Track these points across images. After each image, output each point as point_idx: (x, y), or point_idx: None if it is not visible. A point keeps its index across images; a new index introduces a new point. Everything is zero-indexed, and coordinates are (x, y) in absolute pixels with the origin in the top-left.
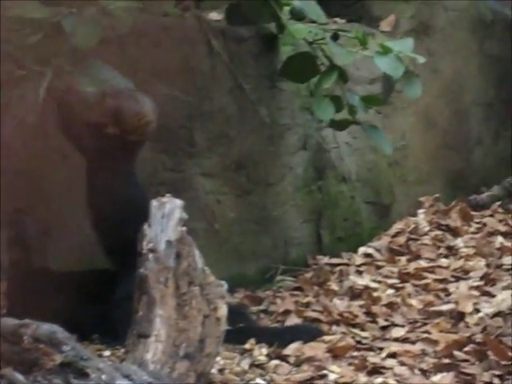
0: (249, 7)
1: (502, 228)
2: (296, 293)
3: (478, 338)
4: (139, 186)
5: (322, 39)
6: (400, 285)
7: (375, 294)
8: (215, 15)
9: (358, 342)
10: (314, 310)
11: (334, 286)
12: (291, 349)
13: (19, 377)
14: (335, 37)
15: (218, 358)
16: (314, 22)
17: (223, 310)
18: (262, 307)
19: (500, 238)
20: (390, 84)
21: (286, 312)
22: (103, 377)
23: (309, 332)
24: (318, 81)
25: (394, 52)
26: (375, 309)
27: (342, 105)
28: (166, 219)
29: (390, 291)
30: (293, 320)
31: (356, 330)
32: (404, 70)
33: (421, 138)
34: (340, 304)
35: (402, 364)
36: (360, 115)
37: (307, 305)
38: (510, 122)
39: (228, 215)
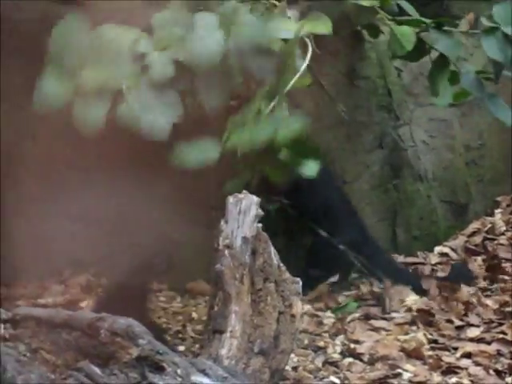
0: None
1: None
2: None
3: None
4: None
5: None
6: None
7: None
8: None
9: (433, 341)
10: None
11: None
12: (365, 347)
13: (96, 370)
14: (439, 26)
15: (292, 355)
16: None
17: (298, 307)
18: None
19: None
20: (499, 64)
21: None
22: (179, 371)
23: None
24: (431, 72)
25: (500, 30)
26: (451, 308)
27: (457, 78)
28: (243, 215)
29: (466, 291)
30: None
31: (431, 329)
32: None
33: (498, 137)
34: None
35: (477, 364)
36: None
37: None
38: None
39: None
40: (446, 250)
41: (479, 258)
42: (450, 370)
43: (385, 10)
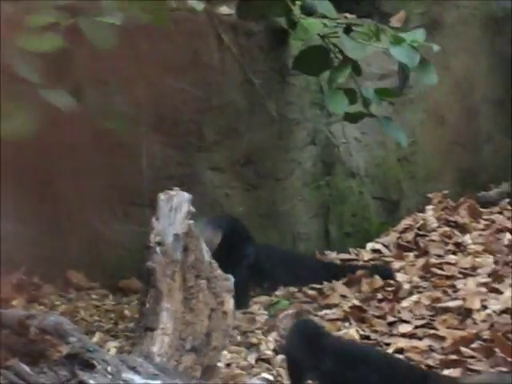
0: (260, 2)
1: (511, 225)
2: None
3: (486, 334)
4: None
5: (334, 33)
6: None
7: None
8: (226, 9)
9: (366, 337)
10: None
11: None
12: None
13: (25, 368)
14: (348, 30)
15: (225, 352)
16: (324, 17)
17: (230, 304)
18: None
19: (508, 235)
20: (406, 74)
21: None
22: (109, 368)
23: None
24: (331, 74)
25: (407, 42)
26: (382, 305)
27: (355, 97)
28: (174, 212)
29: (398, 286)
30: None
31: (364, 326)
32: (419, 59)
33: (430, 134)
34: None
35: (409, 360)
36: (372, 108)
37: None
38: None
39: (236, 209)
40: (378, 246)
41: (411, 254)
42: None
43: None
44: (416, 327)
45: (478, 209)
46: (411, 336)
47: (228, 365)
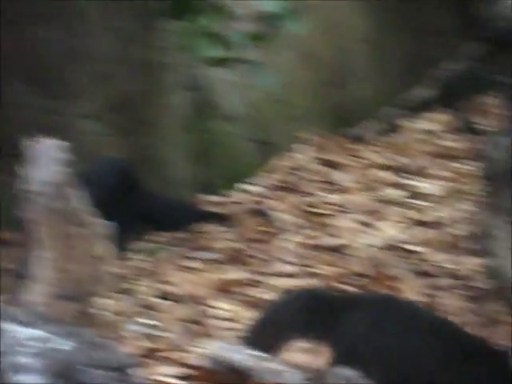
0: None
1: (383, 161)
2: None
3: (363, 270)
4: None
5: None
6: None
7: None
8: None
9: (245, 279)
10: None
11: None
12: (177, 287)
13: None
14: None
15: (104, 299)
16: None
17: (106, 249)
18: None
19: (379, 171)
20: (272, 20)
21: None
22: None
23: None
24: (196, 18)
25: None
26: (260, 245)
27: (222, 42)
28: (49, 160)
29: (274, 226)
30: None
31: (243, 267)
32: (285, 5)
33: (301, 73)
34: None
35: None
36: (242, 52)
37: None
38: (387, 56)
39: (110, 155)
40: (253, 187)
41: (285, 194)
42: (261, 305)
43: None
44: (295, 266)
45: (349, 146)
46: (290, 275)
47: (107, 311)
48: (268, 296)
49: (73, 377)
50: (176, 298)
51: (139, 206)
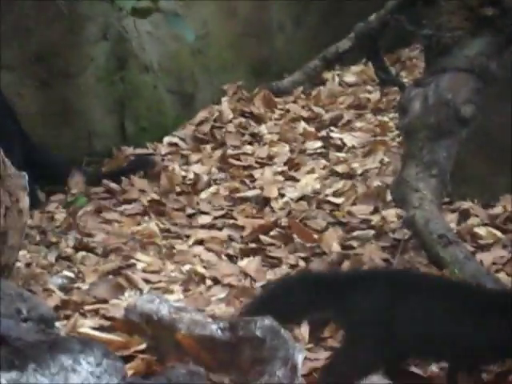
0: None
1: (305, 113)
2: None
3: (284, 221)
4: None
5: None
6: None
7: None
8: None
9: (166, 231)
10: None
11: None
12: (98, 240)
13: None
14: None
15: (24, 252)
16: None
17: (25, 202)
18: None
19: (303, 123)
20: None
21: None
22: None
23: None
24: None
25: None
26: (182, 198)
27: None
28: None
29: (196, 179)
30: None
31: (163, 219)
32: None
33: (222, 26)
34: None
35: (209, 250)
36: (161, 3)
37: None
38: (310, 9)
39: (30, 109)
40: (175, 139)
41: (208, 146)
42: (183, 258)
43: None
44: (215, 218)
45: (272, 99)
46: (211, 227)
47: (28, 264)
48: (189, 249)
49: None
50: (97, 251)
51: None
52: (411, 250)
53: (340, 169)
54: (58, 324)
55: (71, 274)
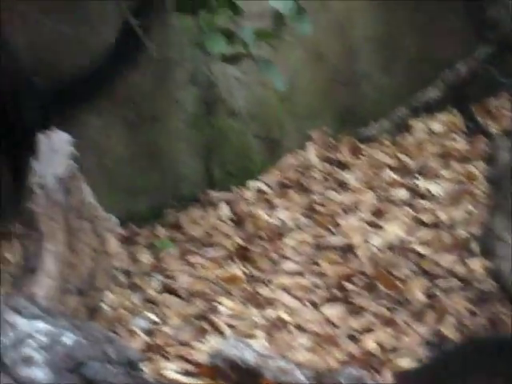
0: None
1: (391, 161)
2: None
3: (368, 269)
4: None
5: None
6: (291, 218)
7: (267, 228)
8: None
9: (250, 276)
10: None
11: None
12: (181, 283)
13: None
14: None
15: (109, 294)
16: None
17: (113, 245)
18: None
19: (388, 171)
20: (281, 18)
21: None
22: None
23: None
24: (208, 13)
25: None
26: (267, 243)
27: (233, 38)
28: (54, 154)
29: (281, 224)
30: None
31: (248, 264)
32: (293, 5)
33: (310, 72)
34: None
35: (293, 296)
36: (251, 49)
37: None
38: (397, 56)
39: (117, 151)
40: (261, 185)
41: (293, 192)
42: (267, 303)
43: None
44: (299, 264)
45: (358, 145)
46: (295, 273)
47: (112, 306)
48: (273, 294)
49: (79, 371)
50: (181, 294)
51: None
52: (497, 302)
53: (425, 218)
54: (141, 366)
55: (155, 317)
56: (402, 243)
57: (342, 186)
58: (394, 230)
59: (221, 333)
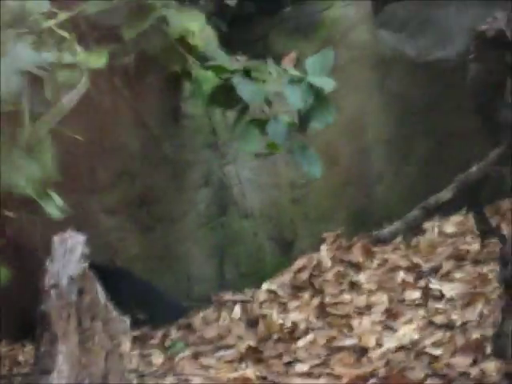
0: (157, 52)
1: (404, 263)
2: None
3: (381, 372)
4: None
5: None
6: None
7: (280, 329)
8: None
9: (263, 378)
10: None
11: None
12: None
13: None
14: (247, 74)
15: None
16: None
17: (126, 346)
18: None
19: (402, 273)
20: (305, 114)
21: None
22: None
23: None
24: (236, 118)
25: (306, 80)
26: (279, 345)
27: (264, 128)
28: (68, 255)
29: (293, 326)
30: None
31: (260, 366)
32: (315, 98)
33: (323, 174)
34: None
35: None
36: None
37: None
38: (410, 158)
39: (130, 252)
40: (273, 286)
41: (306, 294)
42: None
43: (196, 57)
44: (312, 366)
45: (371, 248)
46: (308, 375)
47: None
48: None
49: None
50: None
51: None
52: None
53: (439, 320)
54: None
55: None
56: (415, 345)
57: (355, 287)
58: (406, 331)
59: None
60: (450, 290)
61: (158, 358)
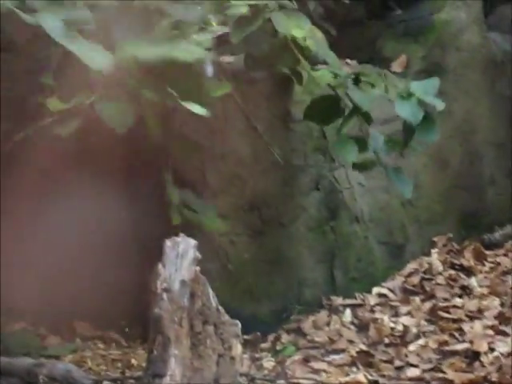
0: (268, 53)
1: None
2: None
3: (494, 377)
4: None
5: (342, 84)
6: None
7: (391, 333)
8: (227, 58)
9: (374, 382)
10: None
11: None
12: None
13: None
14: (357, 81)
15: None
16: (325, 63)
17: (238, 349)
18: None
19: None
20: (411, 129)
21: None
22: None
23: None
24: (341, 123)
25: (416, 96)
26: (390, 349)
27: (366, 146)
28: (180, 259)
29: (405, 330)
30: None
31: (371, 370)
32: (423, 115)
33: (433, 177)
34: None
35: None
36: (381, 156)
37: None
38: None
39: (241, 256)
40: (384, 290)
41: (417, 298)
42: None
43: (308, 58)
44: (424, 371)
45: (482, 251)
46: (419, 380)
47: None
48: None
49: None
50: None
51: None
52: None
53: None
54: None
55: None
56: None
57: (467, 291)
58: None
59: None
60: None
61: (268, 362)
